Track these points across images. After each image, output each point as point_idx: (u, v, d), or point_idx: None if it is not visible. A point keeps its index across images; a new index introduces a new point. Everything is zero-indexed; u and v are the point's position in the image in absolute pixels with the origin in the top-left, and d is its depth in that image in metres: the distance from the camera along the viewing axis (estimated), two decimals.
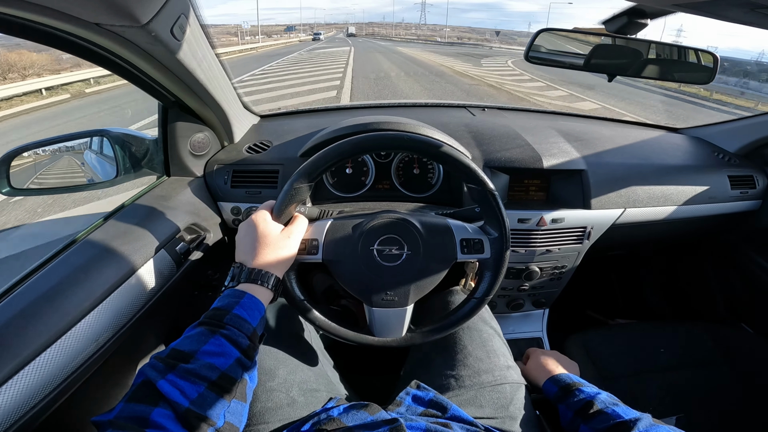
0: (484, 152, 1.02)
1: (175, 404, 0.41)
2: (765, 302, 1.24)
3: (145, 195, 0.88)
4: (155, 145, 0.95)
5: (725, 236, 1.31)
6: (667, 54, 0.92)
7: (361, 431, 0.52)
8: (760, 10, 0.47)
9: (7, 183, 0.78)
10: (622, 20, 0.74)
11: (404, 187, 1.04)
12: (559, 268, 1.10)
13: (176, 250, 0.82)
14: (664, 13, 0.70)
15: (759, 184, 1.16)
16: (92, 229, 0.76)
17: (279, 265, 0.59)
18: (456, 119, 1.19)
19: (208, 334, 0.48)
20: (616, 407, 0.62)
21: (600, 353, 1.02)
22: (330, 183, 1.03)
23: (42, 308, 0.58)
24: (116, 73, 0.71)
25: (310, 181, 0.61)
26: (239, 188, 0.97)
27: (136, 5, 0.50)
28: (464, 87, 11.78)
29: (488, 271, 0.67)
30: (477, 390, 0.67)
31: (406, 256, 0.64)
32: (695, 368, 1.00)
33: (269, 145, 1.04)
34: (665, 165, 1.11)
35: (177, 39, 0.62)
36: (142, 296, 0.73)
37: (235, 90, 0.99)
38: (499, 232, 0.66)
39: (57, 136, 0.86)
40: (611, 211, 1.03)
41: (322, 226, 0.66)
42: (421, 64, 19.15)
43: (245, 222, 0.62)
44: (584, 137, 1.14)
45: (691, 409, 0.91)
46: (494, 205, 0.65)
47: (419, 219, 0.66)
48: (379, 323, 0.66)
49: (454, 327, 0.69)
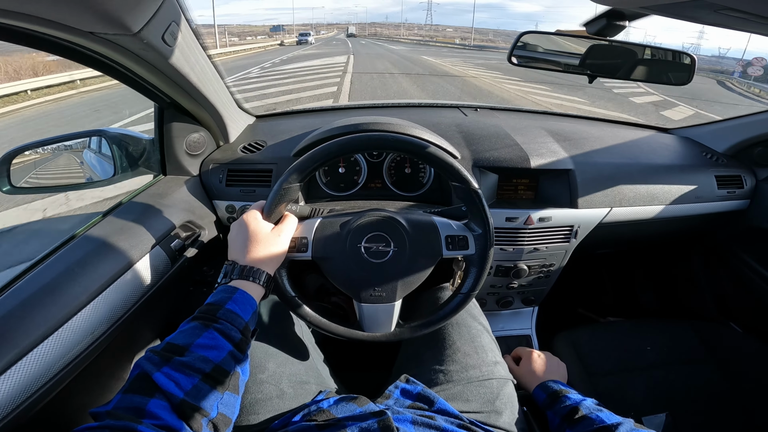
0: (474, 152, 1.04)
1: (171, 395, 0.43)
2: (753, 301, 1.25)
3: (141, 193, 0.91)
4: (152, 145, 0.98)
5: (714, 235, 1.32)
6: (648, 55, 0.93)
7: (350, 422, 0.54)
8: (723, 11, 0.50)
9: (7, 181, 0.81)
10: (601, 22, 0.76)
11: (396, 186, 1.07)
12: (547, 266, 1.12)
13: (171, 247, 0.84)
14: (639, 15, 0.71)
15: (747, 184, 1.17)
16: (90, 226, 0.78)
17: (270, 262, 0.62)
18: (448, 119, 1.21)
19: (202, 328, 0.50)
20: (600, 413, 0.65)
21: (587, 351, 1.04)
22: (323, 182, 1.06)
23: (41, 301, 0.61)
24: (113, 76, 0.74)
25: (299, 180, 0.64)
26: (234, 187, 1.00)
27: (127, 16, 0.52)
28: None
29: (473, 267, 0.69)
30: (464, 385, 0.69)
31: (392, 252, 0.67)
32: (682, 366, 1.01)
33: (263, 145, 1.06)
34: (653, 164, 1.12)
35: (168, 45, 0.65)
36: (137, 291, 0.75)
37: (230, 91, 1.02)
38: (483, 229, 0.68)
39: (56, 136, 0.90)
40: (598, 210, 1.04)
41: (311, 224, 0.68)
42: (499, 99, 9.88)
43: (237, 222, 0.64)
44: (573, 137, 1.16)
45: (676, 407, 0.92)
46: (477, 202, 0.67)
47: (405, 217, 0.68)
48: (368, 318, 0.68)
49: (442, 322, 0.71)
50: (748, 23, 0.54)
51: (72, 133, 0.91)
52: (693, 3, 0.49)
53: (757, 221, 1.19)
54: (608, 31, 0.76)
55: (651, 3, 0.55)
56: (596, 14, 0.75)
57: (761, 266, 1.18)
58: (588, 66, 0.90)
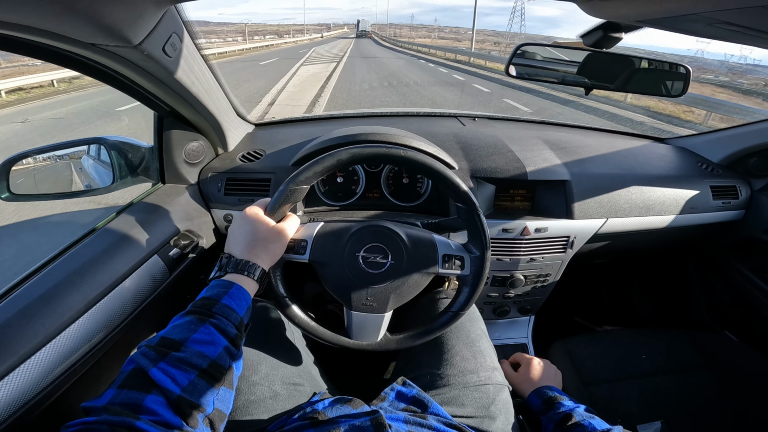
0: (471, 162, 1.05)
1: (167, 391, 0.43)
2: (748, 310, 1.26)
3: (140, 201, 0.91)
4: (151, 153, 0.98)
5: (710, 245, 1.32)
6: (644, 67, 0.94)
7: (344, 420, 0.54)
8: (716, 24, 0.51)
9: (6, 188, 0.81)
10: (598, 34, 0.77)
11: (393, 196, 1.07)
12: (544, 276, 1.13)
13: (169, 255, 0.85)
14: (635, 28, 0.73)
15: (742, 195, 1.18)
16: (88, 234, 0.79)
17: (267, 258, 0.61)
18: (446, 129, 1.22)
19: (198, 323, 0.50)
20: (592, 420, 0.67)
21: (583, 359, 1.04)
22: (321, 191, 1.06)
23: (39, 309, 0.61)
24: (113, 85, 0.75)
25: (306, 183, 0.64)
26: (232, 195, 1.00)
27: (128, 29, 0.53)
28: None
29: (466, 287, 0.70)
30: (460, 389, 0.70)
31: (389, 265, 0.67)
32: (677, 374, 1.01)
33: (262, 154, 1.07)
34: (648, 175, 1.13)
35: (169, 56, 0.66)
36: (135, 299, 0.76)
37: (230, 100, 1.03)
38: (480, 251, 0.69)
39: (55, 144, 0.90)
40: (593, 221, 1.05)
41: (313, 227, 0.69)
42: None
43: (239, 215, 0.64)
44: (569, 147, 1.17)
45: (670, 415, 0.92)
46: (479, 225, 0.68)
47: (406, 231, 0.69)
48: (357, 326, 0.69)
49: (429, 337, 0.72)
50: (742, 36, 0.55)
51: (71, 140, 0.91)
52: (686, 17, 0.50)
53: (752, 231, 1.19)
54: (605, 42, 0.78)
55: (646, 17, 0.56)
56: (593, 26, 0.76)
57: (756, 276, 1.18)
58: (584, 76, 0.91)
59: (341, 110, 4.97)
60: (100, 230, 0.80)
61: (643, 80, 0.94)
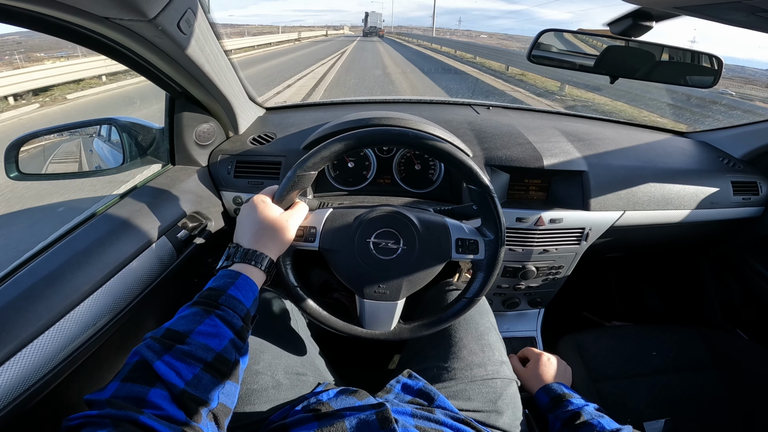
0: (486, 150, 1.03)
1: (171, 385, 0.42)
2: (761, 309, 1.24)
3: (149, 183, 0.90)
4: (161, 134, 0.97)
5: (726, 242, 1.30)
6: (674, 57, 0.91)
7: (349, 413, 0.53)
8: (759, 14, 0.48)
9: (15, 168, 0.80)
10: (627, 22, 0.74)
11: (405, 182, 1.06)
12: (556, 268, 1.11)
13: (177, 237, 0.84)
14: (668, 16, 0.69)
15: (762, 191, 1.15)
16: (96, 215, 0.78)
17: (274, 247, 0.60)
18: (460, 117, 1.20)
19: (203, 314, 0.49)
20: (601, 419, 0.66)
21: (592, 354, 1.03)
22: (332, 176, 1.05)
23: (43, 291, 0.60)
24: (125, 64, 0.73)
25: (314, 169, 0.62)
26: (242, 178, 0.99)
27: (143, 0, 0.51)
28: None
29: (481, 272, 0.68)
30: (467, 383, 0.69)
31: (401, 250, 0.66)
32: (687, 372, 1.01)
33: (273, 137, 1.05)
34: (668, 168, 1.10)
35: (184, 33, 0.64)
36: (141, 282, 0.75)
37: (242, 82, 1.01)
38: (495, 235, 0.67)
39: (66, 124, 0.89)
40: (610, 213, 1.03)
41: (322, 214, 0.67)
42: None
43: (247, 203, 0.63)
44: (587, 138, 1.14)
45: (679, 413, 0.92)
46: (493, 208, 0.66)
47: (417, 215, 0.67)
48: (369, 315, 0.68)
49: (443, 325, 0.70)
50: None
51: (82, 120, 0.90)
52: (729, 4, 0.47)
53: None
54: (633, 31, 0.75)
55: (684, 3, 0.53)
56: (622, 14, 0.73)
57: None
58: (607, 66, 0.88)
59: (354, 96, 4.91)
60: (107, 211, 0.79)
61: (675, 71, 0.91)
